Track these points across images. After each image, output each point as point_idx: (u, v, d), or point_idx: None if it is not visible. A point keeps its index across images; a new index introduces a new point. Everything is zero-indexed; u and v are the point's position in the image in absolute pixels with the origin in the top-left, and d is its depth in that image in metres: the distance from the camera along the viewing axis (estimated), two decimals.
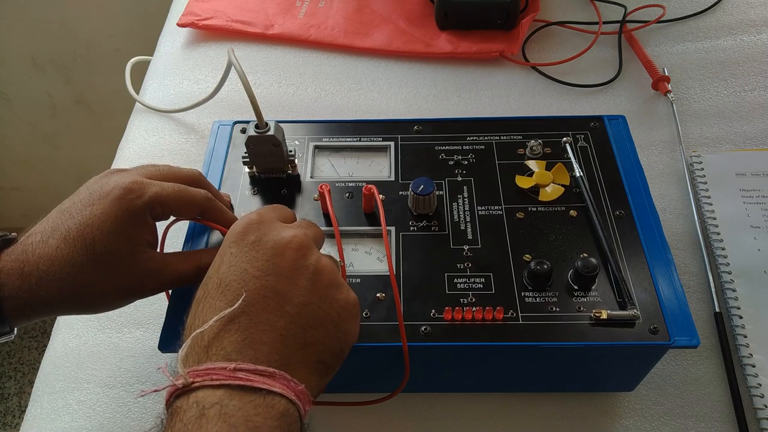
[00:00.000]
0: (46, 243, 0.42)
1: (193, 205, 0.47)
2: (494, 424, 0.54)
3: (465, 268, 0.50)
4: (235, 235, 0.41)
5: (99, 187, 0.44)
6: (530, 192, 0.55)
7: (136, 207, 0.43)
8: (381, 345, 0.46)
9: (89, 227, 0.42)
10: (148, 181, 0.45)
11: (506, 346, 0.47)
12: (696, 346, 0.46)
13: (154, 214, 0.45)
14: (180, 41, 0.88)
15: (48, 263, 0.42)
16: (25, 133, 1.54)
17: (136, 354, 0.59)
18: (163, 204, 0.45)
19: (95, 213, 0.43)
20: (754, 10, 0.87)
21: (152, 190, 0.44)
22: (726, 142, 0.73)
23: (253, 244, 0.40)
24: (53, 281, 0.42)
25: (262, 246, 0.40)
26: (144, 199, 0.44)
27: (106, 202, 0.43)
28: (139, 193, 0.44)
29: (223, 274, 0.39)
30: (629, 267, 0.50)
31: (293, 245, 0.40)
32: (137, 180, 0.45)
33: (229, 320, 0.37)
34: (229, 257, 0.40)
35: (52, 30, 1.32)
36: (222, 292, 0.38)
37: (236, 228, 0.41)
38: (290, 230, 0.42)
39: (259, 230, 0.41)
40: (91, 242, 0.42)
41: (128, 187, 0.44)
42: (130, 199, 0.43)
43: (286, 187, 0.57)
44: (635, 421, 0.54)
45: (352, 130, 0.61)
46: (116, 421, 0.55)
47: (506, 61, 0.83)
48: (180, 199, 0.46)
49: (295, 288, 0.39)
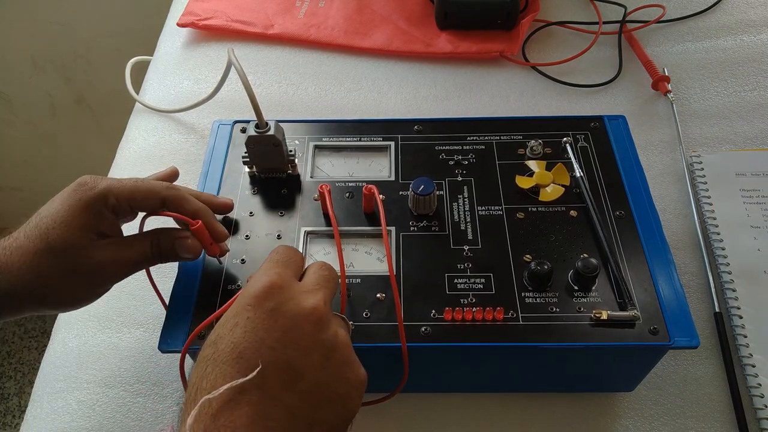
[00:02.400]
0: (14, 237, 0.45)
1: (152, 193, 0.48)
2: (494, 424, 0.54)
3: (465, 269, 0.50)
4: (253, 298, 0.39)
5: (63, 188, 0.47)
6: (530, 192, 0.55)
7: (88, 198, 0.46)
8: (381, 345, 0.46)
9: (45, 218, 0.45)
10: (105, 177, 0.47)
11: (506, 346, 0.47)
12: (696, 346, 0.46)
13: (110, 206, 0.47)
14: (180, 41, 0.88)
15: (8, 254, 0.44)
16: (25, 133, 1.54)
17: (136, 354, 0.59)
18: (117, 195, 0.46)
19: (52, 206, 0.46)
20: (754, 10, 0.87)
21: (105, 183, 0.47)
22: (726, 142, 0.73)
23: (271, 312, 0.38)
24: (13, 270, 0.44)
25: (282, 316, 0.38)
26: (96, 190, 0.46)
27: (63, 196, 0.46)
28: (92, 185, 0.46)
29: (237, 339, 0.37)
30: (629, 267, 0.50)
31: (313, 318, 0.38)
32: (94, 176, 0.47)
33: (240, 391, 0.35)
34: (245, 322, 0.38)
35: (52, 30, 1.32)
36: (235, 359, 0.36)
37: (255, 290, 0.39)
38: (310, 299, 0.40)
39: (280, 297, 0.39)
40: (45, 231, 0.44)
41: (82, 181, 0.46)
42: (83, 191, 0.46)
43: (286, 186, 0.57)
44: (635, 422, 0.54)
45: (352, 129, 0.61)
46: (116, 421, 0.55)
47: (506, 61, 0.83)
48: (136, 189, 0.47)
49: (311, 364, 0.37)
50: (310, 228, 0.54)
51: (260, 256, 0.52)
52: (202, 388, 0.36)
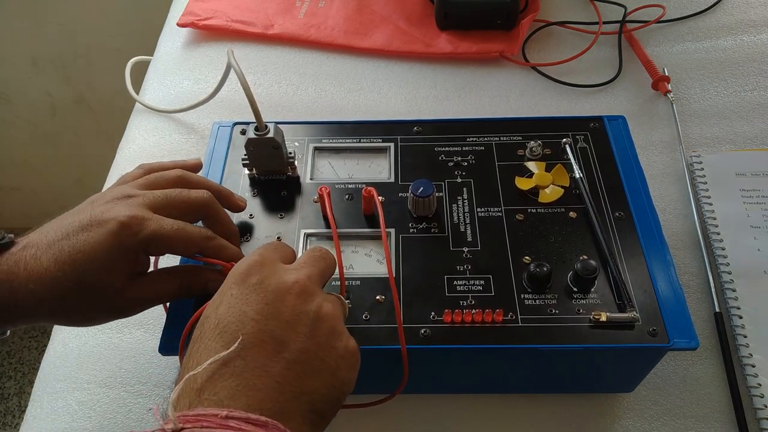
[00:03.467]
0: (38, 260, 0.42)
1: (191, 244, 0.46)
2: (494, 425, 0.54)
3: (464, 270, 0.50)
4: (237, 276, 0.40)
5: (100, 212, 0.44)
6: (530, 193, 0.55)
7: (130, 244, 0.43)
8: (380, 348, 0.46)
9: (80, 254, 0.42)
10: (149, 216, 0.44)
11: (506, 348, 0.47)
12: (695, 348, 0.46)
13: (150, 251, 0.45)
14: (180, 41, 0.88)
15: (36, 283, 0.42)
16: (25, 133, 1.54)
17: (137, 354, 0.59)
18: (159, 243, 0.44)
19: (89, 241, 0.43)
20: (754, 10, 0.87)
21: (150, 228, 0.44)
22: (726, 142, 0.73)
23: (254, 287, 0.39)
24: (38, 301, 0.42)
25: (264, 289, 0.39)
26: (140, 237, 0.43)
27: (102, 231, 0.43)
28: (136, 229, 0.43)
29: (221, 315, 0.38)
30: (629, 269, 0.50)
31: (295, 290, 0.39)
32: (137, 215, 0.44)
33: (224, 364, 0.36)
34: (228, 298, 0.39)
35: (52, 30, 1.32)
36: (219, 333, 0.37)
37: (238, 269, 0.40)
38: (293, 273, 0.41)
39: (262, 272, 0.40)
40: (81, 271, 0.42)
41: (126, 222, 0.43)
42: (126, 235, 0.43)
43: (286, 188, 0.57)
44: (635, 422, 0.54)
45: (351, 131, 0.61)
46: (116, 421, 0.55)
47: (506, 62, 0.83)
48: (178, 238, 0.45)
49: (294, 334, 0.38)
50: (310, 230, 0.54)
51: None
52: (189, 367, 0.36)
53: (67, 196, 1.71)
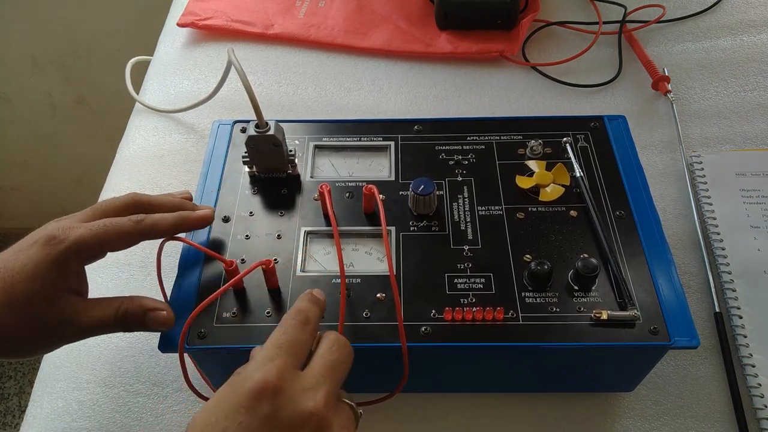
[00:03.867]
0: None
1: (122, 235, 0.46)
2: (494, 424, 0.54)
3: (465, 269, 0.50)
4: (246, 398, 0.35)
5: (33, 234, 0.45)
6: (530, 192, 0.55)
7: (57, 252, 0.43)
8: (381, 345, 0.46)
9: (10, 271, 0.43)
10: (76, 226, 0.45)
11: (506, 346, 0.47)
12: (696, 346, 0.46)
13: (82, 257, 0.45)
14: (180, 41, 0.88)
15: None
16: (25, 133, 1.54)
17: (136, 354, 0.59)
18: (88, 246, 0.44)
19: (20, 258, 0.43)
20: (754, 10, 0.87)
21: (75, 234, 0.44)
22: (726, 142, 0.73)
23: (267, 419, 0.35)
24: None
25: (277, 425, 0.35)
26: (66, 243, 0.44)
27: (32, 248, 0.44)
28: (62, 238, 0.44)
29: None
30: (629, 267, 0.50)
31: (312, 424, 0.36)
32: (64, 225, 0.45)
33: None
34: (236, 428, 0.35)
35: (52, 30, 1.32)
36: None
37: (249, 388, 0.36)
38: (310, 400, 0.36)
39: (275, 401, 0.35)
40: (10, 285, 0.42)
41: (51, 234, 0.44)
42: (52, 245, 0.43)
43: (286, 186, 0.57)
44: (635, 422, 0.54)
45: (352, 129, 0.61)
46: (116, 421, 0.55)
47: (506, 61, 0.83)
48: (106, 234, 0.45)
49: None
50: (310, 228, 0.54)
51: (260, 257, 0.51)
52: None
53: (67, 196, 1.71)
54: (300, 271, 0.51)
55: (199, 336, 0.47)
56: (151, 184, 0.71)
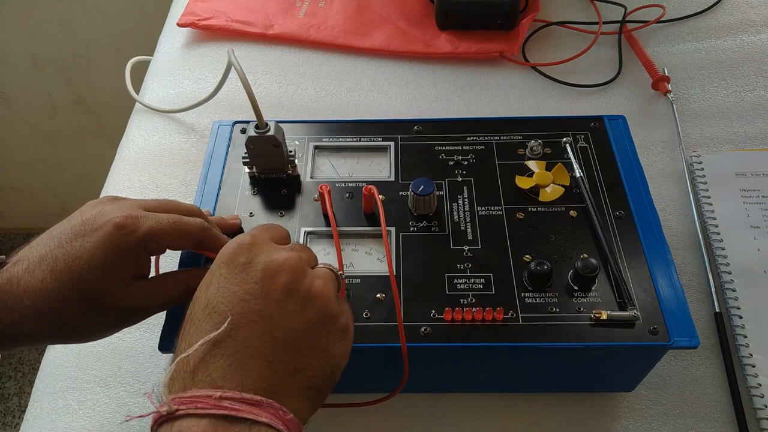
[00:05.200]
0: (32, 273, 0.41)
1: (189, 236, 0.46)
2: (494, 424, 0.54)
3: (465, 269, 0.50)
4: (226, 256, 0.39)
5: (92, 217, 0.43)
6: (530, 192, 0.55)
7: (128, 243, 0.42)
8: (381, 346, 0.46)
9: (77, 260, 0.41)
10: (143, 214, 0.44)
11: (506, 346, 0.47)
12: (696, 346, 0.46)
13: (149, 249, 0.44)
14: (180, 41, 0.88)
15: (32, 297, 0.40)
16: (25, 133, 1.54)
17: (136, 354, 0.59)
18: (158, 239, 0.44)
19: (85, 246, 0.41)
20: (754, 10, 0.87)
21: (147, 225, 0.43)
22: (726, 142, 0.73)
23: (243, 266, 0.39)
24: (37, 317, 0.41)
25: (253, 268, 0.39)
26: (137, 234, 0.42)
27: (97, 235, 0.42)
28: (133, 228, 0.42)
29: (211, 295, 0.38)
30: (629, 267, 0.50)
31: (285, 268, 0.39)
32: (131, 214, 0.43)
33: (215, 344, 0.35)
34: (218, 278, 0.38)
35: (52, 30, 1.32)
36: (209, 314, 0.37)
37: (227, 249, 0.40)
38: (283, 252, 0.40)
39: (251, 252, 0.39)
40: (78, 277, 0.41)
41: (121, 223, 0.42)
42: (123, 235, 0.42)
43: (286, 187, 0.57)
44: (635, 422, 0.54)
45: (352, 130, 0.61)
46: (116, 421, 0.55)
47: (506, 61, 0.83)
48: (175, 231, 0.45)
49: (285, 312, 0.38)
50: (310, 228, 0.54)
51: None
52: (181, 349, 0.36)
53: (67, 196, 1.71)
54: None
55: None
56: (151, 184, 0.71)
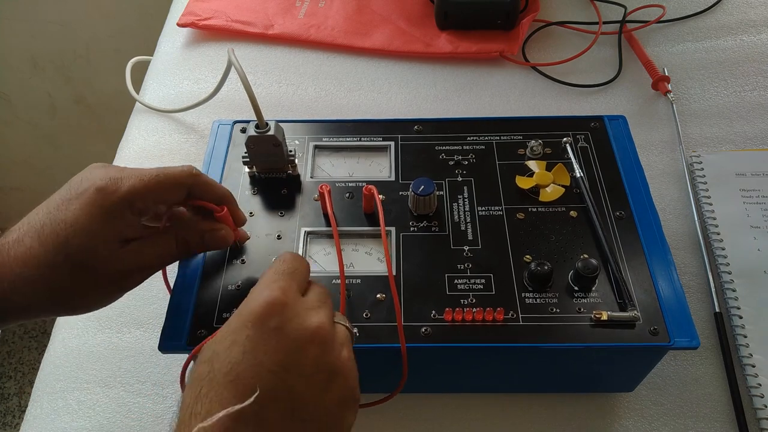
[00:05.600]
0: (21, 242, 0.41)
1: (176, 185, 0.44)
2: (494, 424, 0.54)
3: (465, 269, 0.50)
4: (255, 315, 0.36)
5: (78, 181, 0.42)
6: (530, 192, 0.55)
7: (111, 203, 0.41)
8: (381, 346, 0.46)
9: (62, 224, 0.40)
10: (126, 174, 0.42)
11: (506, 347, 0.47)
12: (696, 347, 0.46)
13: (136, 209, 0.43)
14: (180, 41, 0.88)
15: (21, 265, 0.40)
16: (25, 133, 1.54)
17: (136, 354, 0.59)
18: (143, 196, 0.42)
19: (70, 209, 0.41)
20: (754, 10, 0.87)
21: (128, 184, 0.42)
22: (726, 142, 0.73)
23: (274, 332, 0.35)
24: (27, 284, 0.40)
25: (285, 336, 0.35)
26: (119, 194, 0.41)
27: (81, 199, 0.41)
28: (114, 188, 0.41)
29: (235, 359, 0.34)
30: (629, 268, 0.50)
31: (317, 340, 0.36)
32: (114, 175, 0.42)
33: (236, 419, 0.32)
34: (243, 341, 0.35)
35: (52, 30, 1.32)
36: (232, 381, 0.34)
37: (256, 306, 0.36)
38: (314, 317, 0.37)
39: (283, 315, 0.36)
40: (64, 242, 0.40)
41: (102, 185, 0.41)
42: (105, 195, 0.41)
43: (286, 187, 0.57)
44: (635, 422, 0.54)
45: (352, 129, 0.61)
46: (116, 421, 0.55)
47: (506, 61, 0.83)
48: (159, 184, 0.43)
49: (312, 389, 0.35)
50: (310, 228, 0.54)
51: (260, 257, 0.52)
52: (196, 413, 0.33)
53: None
54: None
55: (200, 336, 0.47)
56: None
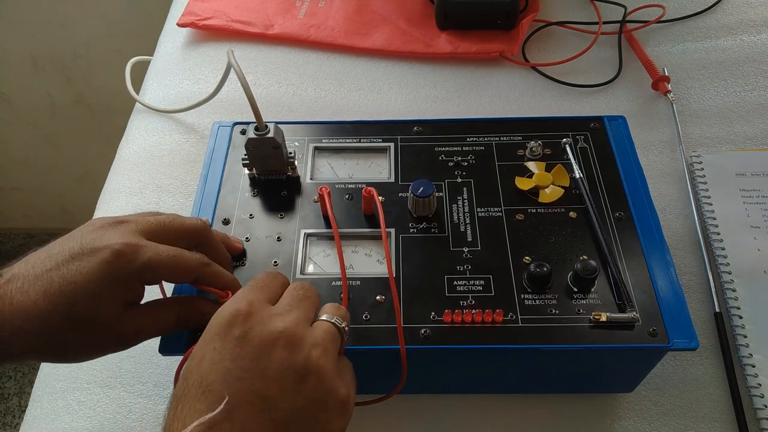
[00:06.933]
0: (26, 293, 0.40)
1: (187, 272, 0.44)
2: (494, 425, 0.54)
3: (465, 271, 0.50)
4: (219, 327, 0.38)
5: (91, 240, 0.42)
6: (530, 193, 0.55)
7: (125, 273, 0.41)
8: (381, 348, 0.46)
9: (71, 285, 0.40)
10: (143, 244, 0.42)
11: (506, 348, 0.47)
12: (695, 348, 0.46)
13: (145, 279, 0.43)
14: (180, 41, 0.88)
15: (23, 318, 0.39)
16: (25, 133, 1.54)
17: (136, 354, 0.59)
18: (155, 271, 0.42)
19: (81, 270, 0.40)
20: (754, 10, 0.87)
21: (146, 256, 0.41)
22: (726, 142, 0.73)
23: (238, 340, 0.37)
24: (27, 337, 0.40)
25: (248, 343, 0.37)
26: (135, 265, 0.41)
27: (93, 260, 0.40)
28: (131, 258, 0.41)
29: (205, 372, 0.36)
30: (629, 269, 0.50)
31: (281, 342, 0.37)
32: (131, 242, 0.41)
33: (210, 426, 0.34)
34: (211, 353, 0.37)
35: (52, 30, 1.32)
36: (203, 392, 0.35)
37: (220, 319, 0.38)
38: (280, 321, 0.38)
39: (246, 324, 0.38)
40: (72, 302, 0.40)
41: (120, 251, 0.41)
42: (120, 264, 0.40)
43: (286, 188, 0.57)
44: (635, 422, 0.54)
45: (351, 131, 0.61)
46: (116, 421, 0.55)
47: (506, 62, 0.83)
48: (175, 266, 0.43)
49: (282, 391, 0.36)
50: (310, 230, 0.54)
51: (260, 259, 0.52)
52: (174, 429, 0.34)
53: (67, 196, 1.71)
54: (300, 274, 0.51)
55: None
56: (151, 184, 0.71)
